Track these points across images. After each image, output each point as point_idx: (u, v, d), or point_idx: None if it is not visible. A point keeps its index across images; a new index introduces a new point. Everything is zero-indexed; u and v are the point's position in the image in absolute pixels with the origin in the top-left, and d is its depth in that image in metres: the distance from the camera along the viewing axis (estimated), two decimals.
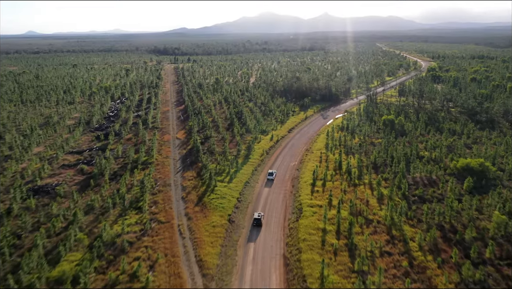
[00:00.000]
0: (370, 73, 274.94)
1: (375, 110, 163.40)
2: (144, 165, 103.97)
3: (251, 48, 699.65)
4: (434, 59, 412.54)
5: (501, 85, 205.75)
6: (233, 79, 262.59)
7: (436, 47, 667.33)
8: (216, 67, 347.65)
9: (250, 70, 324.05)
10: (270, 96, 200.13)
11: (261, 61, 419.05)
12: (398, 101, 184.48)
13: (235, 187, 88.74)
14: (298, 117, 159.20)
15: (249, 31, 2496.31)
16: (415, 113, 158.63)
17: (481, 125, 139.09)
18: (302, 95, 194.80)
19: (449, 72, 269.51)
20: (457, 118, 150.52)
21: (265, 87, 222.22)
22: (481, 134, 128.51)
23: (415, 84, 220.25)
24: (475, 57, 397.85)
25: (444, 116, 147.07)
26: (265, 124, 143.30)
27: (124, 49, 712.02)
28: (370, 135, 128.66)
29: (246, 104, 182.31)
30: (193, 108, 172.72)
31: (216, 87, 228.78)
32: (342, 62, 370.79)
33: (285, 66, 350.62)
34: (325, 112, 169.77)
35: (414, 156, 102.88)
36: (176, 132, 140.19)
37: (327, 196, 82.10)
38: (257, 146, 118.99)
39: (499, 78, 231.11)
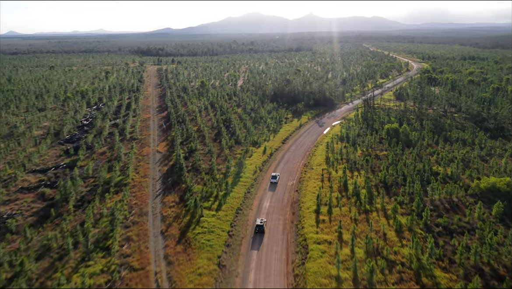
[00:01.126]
0: (363, 75, 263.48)
1: (374, 116, 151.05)
2: (118, 187, 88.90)
3: (237, 49, 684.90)
4: (424, 60, 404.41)
5: (501, 88, 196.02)
6: (220, 82, 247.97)
7: (423, 47, 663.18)
8: (201, 69, 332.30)
9: (237, 72, 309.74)
10: (260, 101, 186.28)
11: (248, 62, 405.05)
12: (397, 106, 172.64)
13: (225, 216, 74.47)
14: (292, 125, 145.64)
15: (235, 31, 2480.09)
16: (417, 119, 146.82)
17: (490, 133, 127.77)
18: (294, 100, 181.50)
19: (444, 74, 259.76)
20: (463, 125, 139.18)
21: (254, 91, 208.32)
22: (493, 144, 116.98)
23: (411, 87, 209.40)
24: (465, 58, 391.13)
25: (450, 123, 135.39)
26: (256, 134, 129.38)
27: (107, 50, 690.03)
28: (374, 146, 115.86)
29: (234, 110, 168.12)
30: (176, 115, 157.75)
31: (202, 90, 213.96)
32: (332, 63, 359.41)
33: (274, 67, 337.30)
34: (320, 119, 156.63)
35: (428, 173, 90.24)
36: (157, 144, 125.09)
37: (336, 227, 68.53)
38: (248, 161, 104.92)
39: (497, 80, 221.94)
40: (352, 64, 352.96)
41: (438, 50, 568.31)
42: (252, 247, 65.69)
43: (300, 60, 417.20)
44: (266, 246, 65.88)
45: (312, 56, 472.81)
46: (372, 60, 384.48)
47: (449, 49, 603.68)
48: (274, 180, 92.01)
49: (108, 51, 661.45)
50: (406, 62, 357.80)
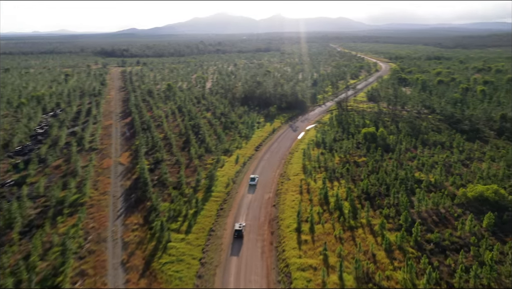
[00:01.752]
0: (333, 76, 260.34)
1: (349, 119, 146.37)
2: (73, 207, 78.56)
3: (204, 50, 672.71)
4: (391, 60, 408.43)
5: (470, 88, 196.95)
6: (187, 84, 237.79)
7: (388, 47, 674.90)
8: (168, 71, 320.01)
9: (206, 73, 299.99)
10: (230, 104, 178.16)
11: (217, 63, 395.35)
12: (371, 108, 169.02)
13: (195, 240, 66.15)
14: (265, 130, 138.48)
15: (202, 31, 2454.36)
16: (392, 122, 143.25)
17: (466, 135, 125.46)
18: (266, 103, 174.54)
19: (413, 74, 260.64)
20: (439, 127, 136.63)
21: (223, 94, 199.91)
22: (471, 147, 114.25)
23: (382, 88, 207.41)
24: (431, 57, 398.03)
25: (426, 125, 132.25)
26: (227, 141, 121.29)
27: (68, 51, 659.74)
28: (352, 152, 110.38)
29: (203, 115, 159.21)
30: (141, 122, 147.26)
31: (168, 94, 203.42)
32: (301, 64, 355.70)
33: (243, 68, 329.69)
34: (293, 123, 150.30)
35: (412, 181, 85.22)
36: (119, 154, 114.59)
37: (321, 249, 61.73)
38: (220, 172, 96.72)
39: (465, 80, 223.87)
40: (322, 65, 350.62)
41: (403, 50, 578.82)
42: (227, 277, 57.72)
43: (269, 61, 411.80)
44: (244, 275, 58.09)
45: (281, 57, 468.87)
46: (341, 61, 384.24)
47: (413, 49, 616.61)
48: (253, 182, 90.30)
49: (69, 52, 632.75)
50: (374, 63, 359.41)
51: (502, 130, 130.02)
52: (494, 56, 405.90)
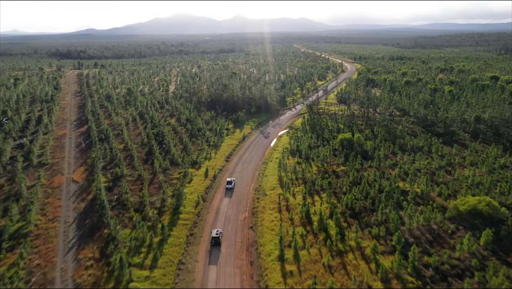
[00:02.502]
0: (301, 77, 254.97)
1: (322, 123, 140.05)
2: (14, 240, 66.45)
3: (166, 50, 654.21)
4: (356, 60, 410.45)
5: (437, 88, 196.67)
6: (149, 88, 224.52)
7: (350, 48, 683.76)
8: (128, 73, 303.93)
9: (168, 75, 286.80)
10: (195, 109, 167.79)
11: (180, 65, 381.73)
12: (342, 110, 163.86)
13: (162, 277, 56.25)
14: (235, 137, 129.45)
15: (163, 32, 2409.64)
16: (366, 125, 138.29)
17: (442, 138, 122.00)
18: (234, 107, 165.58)
19: (380, 74, 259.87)
20: (413, 131, 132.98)
21: (188, 98, 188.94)
22: (449, 151, 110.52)
23: (352, 89, 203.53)
24: (394, 58, 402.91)
25: (402, 129, 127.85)
26: (195, 151, 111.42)
27: (20, 53, 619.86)
28: (329, 160, 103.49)
29: (167, 121, 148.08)
30: (98, 130, 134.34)
31: (129, 99, 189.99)
32: (267, 65, 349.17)
33: (207, 70, 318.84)
34: (264, 129, 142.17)
35: (398, 194, 79.01)
36: (72, 170, 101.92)
37: (310, 282, 53.58)
38: (188, 189, 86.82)
39: (431, 81, 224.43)
40: (288, 66, 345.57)
41: (364, 50, 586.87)
42: None
43: (234, 62, 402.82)
44: None
45: (245, 58, 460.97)
46: (306, 62, 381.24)
47: (374, 49, 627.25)
48: (229, 186, 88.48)
49: (21, 54, 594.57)
50: (340, 63, 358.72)
51: (477, 133, 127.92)
52: (453, 56, 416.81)
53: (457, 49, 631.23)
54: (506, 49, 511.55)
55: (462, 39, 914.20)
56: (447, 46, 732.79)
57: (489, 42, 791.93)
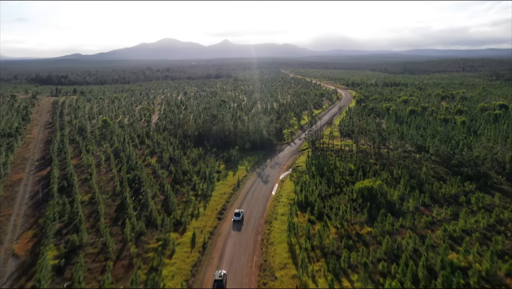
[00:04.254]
0: (295, 106, 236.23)
1: (329, 162, 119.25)
2: None
3: (152, 76, 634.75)
4: (349, 86, 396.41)
5: (448, 118, 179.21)
6: (129, 118, 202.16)
7: (339, 73, 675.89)
8: (108, 101, 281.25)
9: (152, 104, 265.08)
10: (181, 144, 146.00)
11: (165, 91, 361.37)
12: (348, 145, 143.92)
13: None
14: (228, 182, 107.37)
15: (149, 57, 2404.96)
16: (381, 166, 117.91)
17: (476, 183, 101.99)
18: (225, 143, 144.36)
19: (380, 102, 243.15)
20: (437, 172, 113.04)
21: (172, 130, 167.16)
22: (491, 201, 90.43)
23: (353, 119, 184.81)
24: (387, 84, 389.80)
25: (427, 172, 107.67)
26: (179, 206, 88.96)
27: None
28: (348, 217, 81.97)
29: (147, 161, 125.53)
30: (61, 175, 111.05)
31: (105, 132, 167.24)
32: (257, 92, 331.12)
33: (194, 97, 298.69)
34: (262, 170, 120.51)
35: (458, 278, 57.44)
36: (17, 235, 78.06)
37: None
38: (168, 268, 63.82)
39: (437, 110, 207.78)
40: (279, 92, 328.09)
41: (354, 75, 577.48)
42: None
43: (222, 88, 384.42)
44: None
45: (234, 84, 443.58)
46: (298, 88, 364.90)
47: (363, 74, 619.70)
48: (237, 218, 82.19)
49: None
50: (333, 90, 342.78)
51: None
52: (448, 82, 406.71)
53: (445, 74, 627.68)
54: (497, 75, 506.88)
55: (447, 65, 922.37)
56: (435, 71, 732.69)
57: (475, 68, 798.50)
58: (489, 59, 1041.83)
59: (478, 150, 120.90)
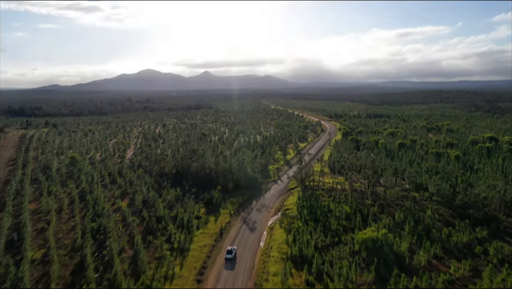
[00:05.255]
0: (280, 139, 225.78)
1: (322, 204, 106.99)
2: None
3: (130, 107, 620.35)
4: (332, 118, 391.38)
5: (440, 153, 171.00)
6: (102, 154, 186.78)
7: (320, 104, 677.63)
8: (81, 134, 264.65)
9: (128, 137, 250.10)
10: (156, 184, 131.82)
11: (143, 124, 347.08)
12: (340, 183, 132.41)
13: None
14: (209, 231, 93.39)
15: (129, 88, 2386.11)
16: (379, 207, 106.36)
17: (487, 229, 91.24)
18: (206, 181, 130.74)
19: (366, 135, 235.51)
20: (441, 215, 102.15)
21: (148, 167, 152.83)
22: (509, 251, 79.35)
23: (342, 154, 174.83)
24: (370, 115, 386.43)
25: (432, 215, 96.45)
26: (150, 265, 74.32)
27: None
28: (353, 277, 69.01)
29: (117, 205, 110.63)
30: (13, 224, 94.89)
31: (72, 170, 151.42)
32: (239, 124, 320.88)
33: (173, 130, 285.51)
34: (248, 215, 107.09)
35: None
36: None
37: None
38: None
39: (426, 143, 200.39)
40: (262, 124, 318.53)
41: (335, 107, 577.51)
42: None
43: (203, 120, 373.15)
44: None
45: (215, 115, 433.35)
46: (281, 120, 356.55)
47: (343, 105, 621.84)
48: (229, 256, 78.61)
49: None
50: (317, 121, 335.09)
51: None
52: (430, 114, 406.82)
53: (424, 105, 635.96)
54: (475, 106, 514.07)
55: (424, 96, 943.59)
56: (413, 102, 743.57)
57: (451, 99, 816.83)
58: (464, 91, 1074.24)
59: (481, 188, 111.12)
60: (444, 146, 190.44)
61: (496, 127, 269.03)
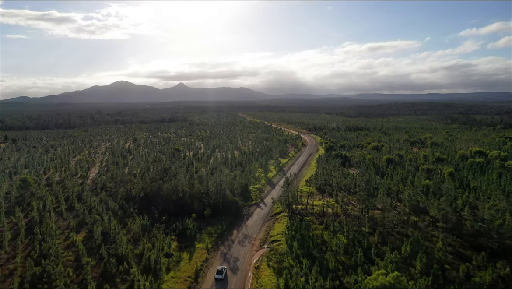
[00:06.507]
0: (259, 154, 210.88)
1: (314, 235, 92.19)
2: None
3: (101, 120, 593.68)
4: (311, 131, 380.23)
5: (432, 169, 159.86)
6: (62, 173, 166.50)
7: (297, 116, 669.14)
8: (42, 150, 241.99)
9: (94, 153, 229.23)
10: (121, 210, 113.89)
11: (112, 138, 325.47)
12: (330, 206, 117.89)
13: None
14: (181, 274, 76.49)
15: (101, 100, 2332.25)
16: (380, 237, 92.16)
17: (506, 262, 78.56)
18: (179, 207, 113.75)
19: (350, 150, 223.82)
20: (450, 244, 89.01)
21: (112, 190, 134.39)
22: None
23: (328, 172, 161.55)
24: (350, 128, 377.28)
25: (443, 248, 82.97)
26: None
27: None
28: None
29: (71, 239, 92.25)
30: None
31: (23, 194, 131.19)
32: (215, 138, 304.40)
33: (144, 144, 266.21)
34: (228, 250, 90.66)
35: None
36: None
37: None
38: None
39: (414, 158, 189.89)
40: (239, 138, 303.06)
41: (312, 119, 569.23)
42: None
43: (177, 134, 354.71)
44: None
45: (190, 128, 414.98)
46: (259, 133, 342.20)
47: (320, 118, 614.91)
48: (219, 276, 73.73)
49: None
50: (297, 135, 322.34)
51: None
52: (408, 126, 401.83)
53: (400, 117, 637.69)
54: (451, 118, 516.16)
55: (398, 108, 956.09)
56: (388, 114, 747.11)
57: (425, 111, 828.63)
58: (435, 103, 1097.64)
59: (489, 212, 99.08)
60: (434, 162, 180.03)
61: (479, 140, 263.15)
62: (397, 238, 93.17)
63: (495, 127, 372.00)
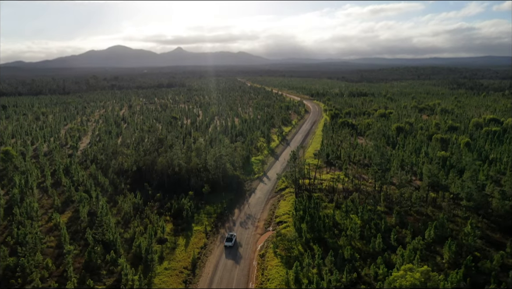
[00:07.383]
0: (261, 122, 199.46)
1: (324, 215, 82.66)
2: None
3: (96, 85, 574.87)
4: (313, 96, 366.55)
5: (446, 139, 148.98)
6: (50, 144, 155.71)
7: (298, 81, 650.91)
8: (32, 118, 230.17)
9: (86, 122, 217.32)
10: (111, 186, 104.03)
11: (107, 104, 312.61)
12: (339, 180, 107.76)
13: None
14: (176, 264, 67.24)
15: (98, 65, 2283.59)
16: (397, 217, 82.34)
17: None
18: (174, 184, 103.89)
19: (356, 117, 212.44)
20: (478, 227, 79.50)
21: (103, 163, 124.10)
22: None
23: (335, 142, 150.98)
24: (354, 94, 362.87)
25: (472, 232, 73.58)
26: None
27: None
28: None
29: (53, 222, 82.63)
30: None
31: (7, 167, 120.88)
32: (214, 104, 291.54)
33: (140, 112, 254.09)
34: (229, 232, 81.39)
35: None
36: None
37: None
38: None
39: (426, 127, 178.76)
40: (239, 105, 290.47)
41: (314, 84, 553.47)
42: None
43: (174, 100, 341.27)
44: None
45: (188, 94, 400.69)
46: (260, 99, 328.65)
47: (322, 83, 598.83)
48: (229, 243, 73.36)
49: None
50: (299, 101, 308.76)
51: None
52: (413, 91, 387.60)
53: (403, 82, 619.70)
54: (457, 83, 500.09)
55: (401, 73, 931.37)
56: (391, 79, 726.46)
57: (428, 76, 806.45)
58: (438, 67, 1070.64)
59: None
60: (447, 130, 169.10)
61: (490, 106, 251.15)
62: (417, 218, 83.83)
63: (504, 93, 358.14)
